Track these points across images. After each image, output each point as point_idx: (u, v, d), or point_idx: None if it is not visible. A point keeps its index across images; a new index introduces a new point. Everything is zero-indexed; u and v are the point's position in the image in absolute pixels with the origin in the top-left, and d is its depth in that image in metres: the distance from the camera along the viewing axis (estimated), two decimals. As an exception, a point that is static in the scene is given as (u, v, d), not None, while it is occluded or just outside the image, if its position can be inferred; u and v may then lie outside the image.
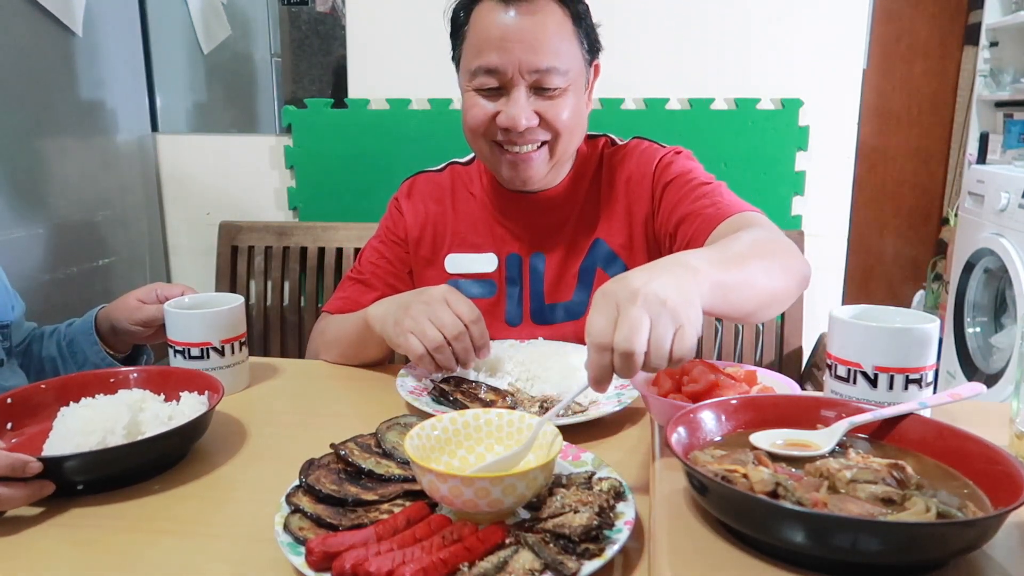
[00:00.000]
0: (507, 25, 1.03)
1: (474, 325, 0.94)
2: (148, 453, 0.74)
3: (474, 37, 1.07)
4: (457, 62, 1.13)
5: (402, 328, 0.95)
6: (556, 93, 1.07)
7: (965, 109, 3.75)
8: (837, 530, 0.52)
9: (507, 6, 1.04)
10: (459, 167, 1.28)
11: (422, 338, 0.93)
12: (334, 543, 0.57)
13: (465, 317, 0.94)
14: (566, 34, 1.07)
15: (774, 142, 1.93)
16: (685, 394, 0.83)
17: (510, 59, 1.03)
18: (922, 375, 0.80)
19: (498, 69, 1.04)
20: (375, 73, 2.05)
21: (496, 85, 1.06)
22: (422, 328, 0.93)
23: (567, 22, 1.07)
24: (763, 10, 1.89)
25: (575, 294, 1.19)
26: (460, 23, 1.10)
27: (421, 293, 0.98)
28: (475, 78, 1.07)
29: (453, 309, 0.94)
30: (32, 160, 1.74)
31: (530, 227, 1.20)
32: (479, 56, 1.05)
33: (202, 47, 2.14)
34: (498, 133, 1.09)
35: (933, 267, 3.83)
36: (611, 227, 1.19)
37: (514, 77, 1.05)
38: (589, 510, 0.60)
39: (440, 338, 0.92)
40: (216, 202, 2.20)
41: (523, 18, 1.03)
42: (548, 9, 1.05)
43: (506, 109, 1.06)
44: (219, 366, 0.97)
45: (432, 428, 0.71)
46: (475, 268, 1.21)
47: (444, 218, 1.24)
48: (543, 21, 1.04)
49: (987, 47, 3.40)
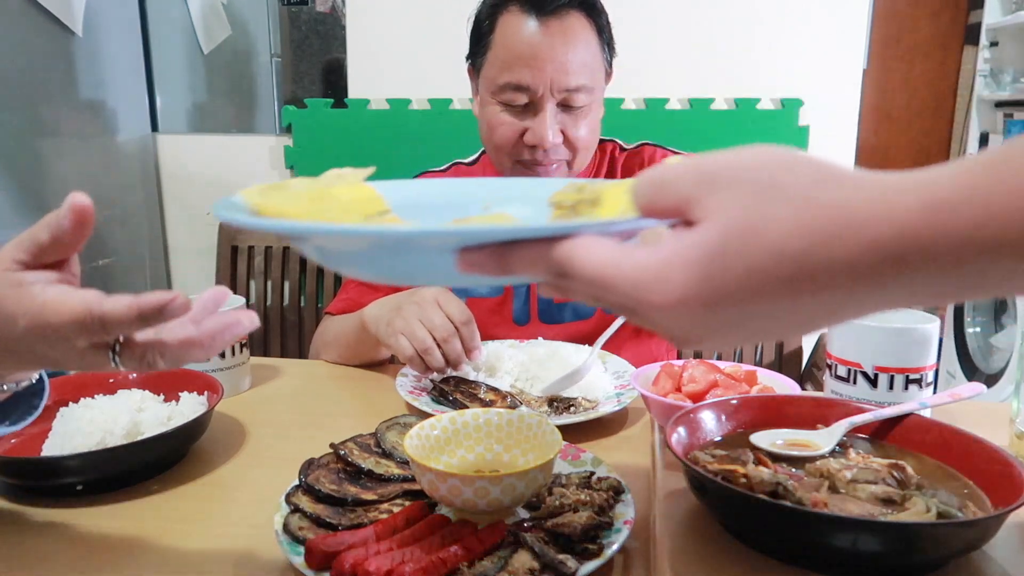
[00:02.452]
0: (538, 42, 1.02)
1: (464, 327, 0.94)
2: (148, 453, 0.74)
3: (502, 50, 1.05)
4: (476, 67, 1.12)
5: (393, 329, 0.95)
6: (581, 110, 1.07)
7: (965, 109, 3.75)
8: (837, 530, 0.52)
9: (537, 20, 1.02)
10: (463, 167, 1.28)
11: (411, 339, 0.93)
12: (333, 543, 0.57)
13: (456, 319, 0.93)
14: (593, 49, 1.06)
15: (774, 142, 1.92)
16: (685, 394, 0.83)
17: (541, 78, 1.02)
18: (922, 375, 0.80)
19: (529, 88, 1.03)
20: (375, 73, 2.05)
21: (524, 102, 1.06)
22: (412, 329, 0.93)
23: (593, 37, 1.06)
24: (763, 10, 1.89)
25: None
26: (484, 30, 1.08)
27: (414, 294, 0.98)
28: (503, 93, 1.06)
29: (444, 310, 0.94)
30: (32, 160, 1.74)
31: None
32: (509, 71, 1.04)
33: (202, 47, 2.14)
34: (524, 152, 1.08)
35: (933, 267, 3.83)
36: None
37: (544, 96, 1.04)
38: (589, 510, 0.60)
39: (429, 340, 0.92)
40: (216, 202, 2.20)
41: (554, 36, 1.02)
42: (578, 26, 1.04)
43: (535, 127, 1.05)
44: (219, 368, 0.97)
45: (432, 428, 0.71)
46: None
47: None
48: (574, 39, 1.03)
49: (987, 47, 3.40)
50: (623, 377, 0.98)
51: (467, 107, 1.96)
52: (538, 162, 1.09)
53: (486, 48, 1.08)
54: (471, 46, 1.12)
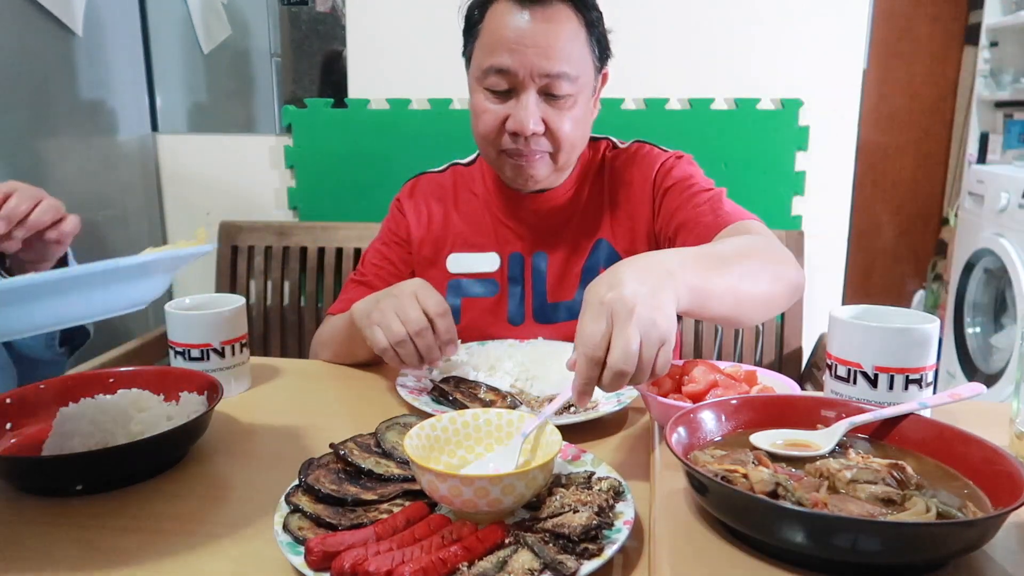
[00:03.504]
0: (522, 28, 1.03)
1: (440, 319, 0.93)
2: (148, 453, 0.74)
3: (487, 36, 1.07)
4: (468, 60, 1.13)
5: (370, 320, 0.95)
6: (564, 101, 1.07)
7: (965, 109, 3.75)
8: (837, 530, 0.52)
9: (523, 9, 1.04)
10: (461, 168, 1.28)
11: (386, 331, 0.93)
12: (333, 543, 0.57)
13: (431, 311, 0.93)
14: (579, 41, 1.07)
15: (774, 142, 1.93)
16: (685, 394, 0.83)
17: (522, 62, 1.03)
18: (922, 375, 0.80)
19: (509, 70, 1.04)
20: (375, 73, 2.05)
21: (506, 87, 1.06)
22: (387, 321, 0.93)
23: (581, 30, 1.07)
24: (763, 10, 1.89)
25: (578, 293, 1.19)
26: (474, 20, 1.10)
27: (394, 287, 0.98)
28: (486, 78, 1.07)
29: (420, 303, 0.93)
30: (32, 160, 1.74)
31: (533, 227, 1.20)
32: (491, 55, 1.05)
33: (202, 47, 2.14)
34: (507, 140, 1.09)
35: (933, 267, 3.84)
36: (615, 230, 1.19)
37: (525, 80, 1.04)
38: (588, 510, 0.60)
39: (403, 332, 0.92)
40: (216, 202, 2.20)
41: (538, 23, 1.03)
42: (563, 15, 1.05)
43: (515, 112, 1.06)
44: (219, 367, 0.97)
45: (432, 428, 0.71)
46: (477, 267, 1.21)
47: (446, 218, 1.24)
48: (557, 27, 1.04)
49: (987, 47, 3.40)
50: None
51: (467, 107, 1.95)
52: (520, 151, 1.09)
53: (475, 36, 1.09)
54: (463, 37, 1.13)
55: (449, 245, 1.23)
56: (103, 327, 1.11)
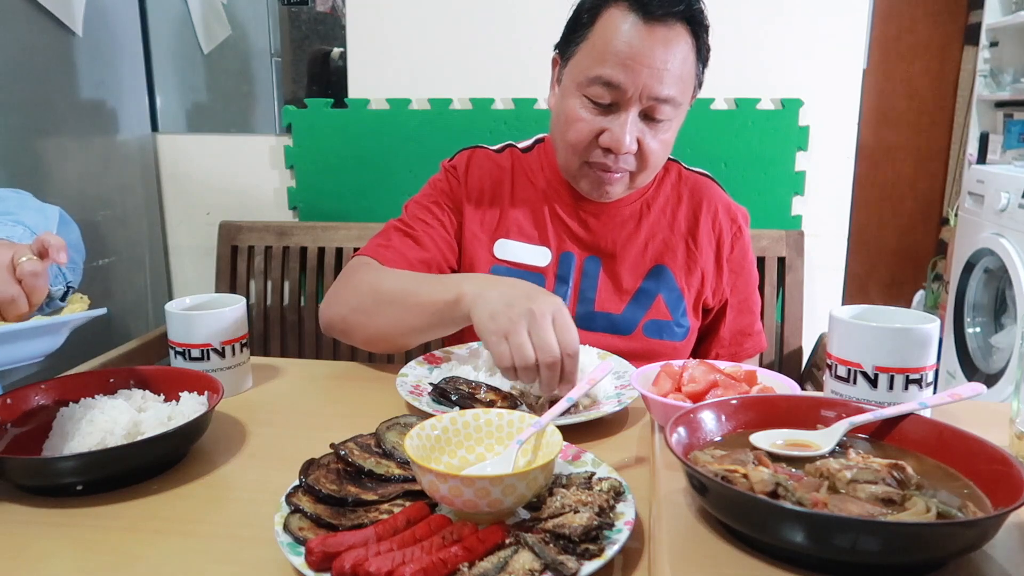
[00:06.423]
0: (638, 44, 1.00)
1: (570, 359, 0.85)
2: (148, 453, 0.74)
3: (600, 42, 1.03)
4: (565, 60, 1.10)
5: (498, 327, 0.86)
6: (662, 124, 1.05)
7: (965, 109, 3.75)
8: (837, 530, 0.52)
9: (643, 24, 1.00)
10: (518, 152, 1.25)
11: (516, 352, 0.84)
12: (334, 543, 0.57)
13: (566, 348, 0.85)
14: (689, 67, 1.04)
15: (774, 142, 1.93)
16: (685, 394, 0.83)
17: (634, 80, 1.00)
18: (922, 375, 0.80)
19: (620, 86, 1.01)
20: (375, 73, 2.05)
21: (609, 101, 1.03)
22: (520, 341, 0.84)
23: (692, 54, 1.04)
24: (763, 10, 1.89)
25: (627, 310, 1.17)
26: (584, 21, 1.06)
27: (531, 296, 0.88)
28: (590, 87, 1.03)
29: (558, 335, 0.85)
30: (32, 160, 1.74)
31: (591, 231, 1.18)
32: (601, 65, 1.02)
33: (202, 47, 2.14)
34: (596, 154, 1.07)
35: (933, 267, 3.83)
36: (678, 262, 1.19)
37: (632, 98, 1.02)
38: (589, 510, 0.60)
39: (533, 359, 0.84)
40: (216, 202, 2.19)
41: (657, 43, 1.00)
42: (681, 38, 1.02)
43: (613, 128, 1.03)
44: (220, 368, 0.97)
45: (432, 428, 0.71)
46: (526, 259, 1.18)
47: (500, 200, 1.20)
48: (675, 51, 1.01)
49: (987, 47, 3.40)
50: (623, 377, 0.98)
51: (467, 107, 1.96)
52: (607, 166, 1.07)
53: (582, 38, 1.05)
54: (565, 34, 1.10)
55: (499, 229, 1.19)
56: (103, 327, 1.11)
